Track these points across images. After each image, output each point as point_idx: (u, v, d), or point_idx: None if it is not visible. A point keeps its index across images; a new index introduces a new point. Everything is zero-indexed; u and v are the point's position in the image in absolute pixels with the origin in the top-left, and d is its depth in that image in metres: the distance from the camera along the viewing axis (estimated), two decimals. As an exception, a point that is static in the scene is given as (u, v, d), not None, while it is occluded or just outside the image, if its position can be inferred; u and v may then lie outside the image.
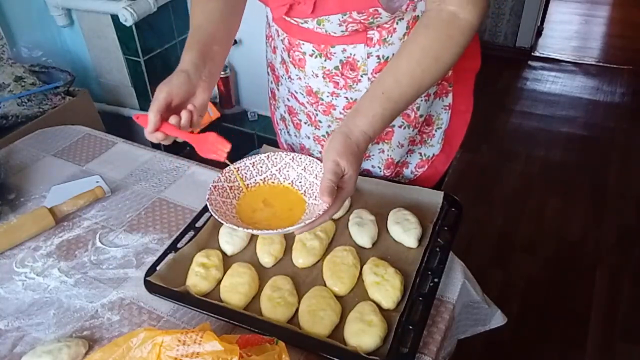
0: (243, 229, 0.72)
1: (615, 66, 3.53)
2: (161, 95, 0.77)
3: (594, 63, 3.60)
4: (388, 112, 0.77)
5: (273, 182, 0.83)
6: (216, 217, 0.73)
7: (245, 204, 0.80)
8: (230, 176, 0.82)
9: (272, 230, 0.72)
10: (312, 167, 0.81)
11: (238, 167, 0.82)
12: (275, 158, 0.84)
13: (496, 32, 3.64)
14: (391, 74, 0.78)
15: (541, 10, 3.60)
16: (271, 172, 0.83)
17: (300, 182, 0.82)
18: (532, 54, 3.65)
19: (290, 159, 0.83)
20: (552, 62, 3.60)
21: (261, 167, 0.83)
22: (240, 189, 0.82)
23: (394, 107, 0.77)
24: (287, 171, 0.83)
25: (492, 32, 3.63)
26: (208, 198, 0.76)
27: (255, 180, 0.83)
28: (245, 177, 0.83)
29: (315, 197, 0.77)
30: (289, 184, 0.82)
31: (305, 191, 0.81)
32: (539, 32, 3.82)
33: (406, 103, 0.79)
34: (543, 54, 3.68)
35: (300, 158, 0.82)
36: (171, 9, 2.12)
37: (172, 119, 0.77)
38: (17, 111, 1.67)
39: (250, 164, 0.83)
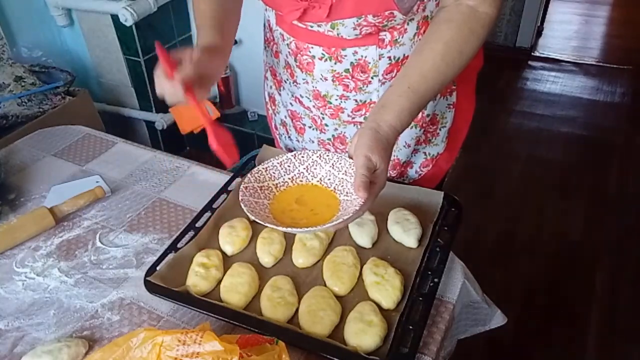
0: (284, 228, 0.72)
1: (615, 66, 3.53)
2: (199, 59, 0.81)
3: (594, 63, 3.60)
4: (415, 105, 0.77)
5: (301, 181, 0.83)
6: (253, 217, 0.73)
7: (279, 203, 0.80)
8: (259, 176, 0.82)
9: (311, 228, 0.71)
10: (340, 163, 0.80)
11: (267, 167, 0.82)
12: (303, 156, 0.83)
13: (496, 32, 3.64)
14: (416, 69, 0.78)
15: (541, 10, 3.61)
16: (299, 170, 0.83)
17: (329, 179, 0.81)
18: (532, 54, 3.66)
19: (317, 157, 0.82)
20: (552, 62, 3.60)
21: (289, 166, 0.83)
22: (270, 188, 0.82)
23: (420, 100, 0.78)
24: (315, 169, 0.82)
25: (492, 32, 3.63)
26: (241, 199, 0.76)
27: (284, 179, 0.83)
28: (274, 176, 0.82)
29: (347, 193, 0.77)
30: (318, 181, 0.82)
31: (335, 188, 0.80)
32: (539, 32, 3.82)
33: (431, 96, 0.80)
34: (543, 54, 3.68)
35: (327, 155, 0.82)
36: (171, 9, 2.12)
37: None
38: (17, 111, 1.67)
39: (278, 163, 0.83)
